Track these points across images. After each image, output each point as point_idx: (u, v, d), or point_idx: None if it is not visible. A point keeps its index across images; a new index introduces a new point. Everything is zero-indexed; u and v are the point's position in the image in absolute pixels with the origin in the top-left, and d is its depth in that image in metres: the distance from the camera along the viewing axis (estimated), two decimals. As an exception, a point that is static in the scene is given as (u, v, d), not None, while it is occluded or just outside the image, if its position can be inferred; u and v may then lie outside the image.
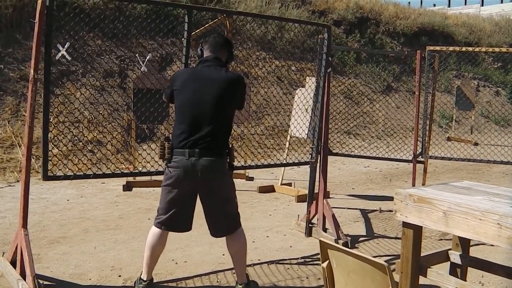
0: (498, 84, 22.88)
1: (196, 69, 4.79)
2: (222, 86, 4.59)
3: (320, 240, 3.13)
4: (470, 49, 8.81)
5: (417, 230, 4.29)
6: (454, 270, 4.92)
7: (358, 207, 8.56)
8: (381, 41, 21.06)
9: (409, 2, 38.94)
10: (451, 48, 8.71)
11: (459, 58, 21.19)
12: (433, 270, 4.38)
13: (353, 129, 15.56)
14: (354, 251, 2.97)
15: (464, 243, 4.84)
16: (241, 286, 4.92)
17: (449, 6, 38.90)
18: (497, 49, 10.28)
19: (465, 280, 4.94)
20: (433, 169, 12.40)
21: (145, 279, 4.89)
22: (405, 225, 4.28)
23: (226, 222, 4.83)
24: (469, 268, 5.04)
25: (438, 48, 8.58)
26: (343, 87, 16.61)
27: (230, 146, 4.75)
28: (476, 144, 16.09)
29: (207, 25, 7.00)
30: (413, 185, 8.25)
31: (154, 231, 4.84)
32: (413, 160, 8.29)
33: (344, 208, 8.48)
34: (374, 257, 6.18)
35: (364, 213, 8.24)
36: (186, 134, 4.55)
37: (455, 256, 4.83)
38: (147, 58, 8.80)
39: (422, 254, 4.86)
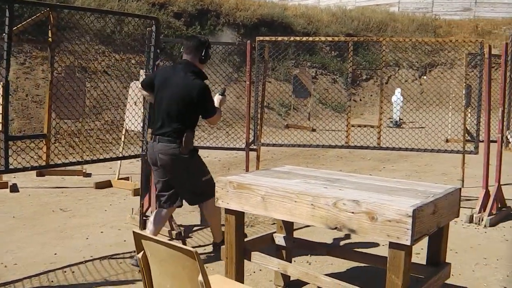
0: (335, 72, 23.71)
1: (170, 71, 5.69)
2: (178, 90, 5.41)
3: (133, 231, 3.11)
4: (297, 38, 9.11)
5: (239, 216, 4.38)
6: (280, 252, 5.06)
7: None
8: (222, 32, 21.25)
9: (251, -6, 39.44)
10: (279, 38, 8.91)
11: (298, 47, 21.73)
12: (256, 253, 4.49)
13: (194, 121, 15.60)
14: (164, 239, 2.98)
15: (288, 226, 4.99)
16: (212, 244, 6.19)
17: (288, -3, 39.71)
18: (329, 38, 10.64)
19: (290, 261, 5.10)
20: (271, 156, 12.71)
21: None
22: (227, 211, 4.37)
23: (188, 197, 5.78)
24: (298, 249, 5.22)
25: (267, 38, 8.80)
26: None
27: (189, 133, 5.45)
28: (313, 130, 16.62)
29: (30, 19, 6.75)
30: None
31: None
32: (246, 148, 8.43)
33: (181, 199, 8.50)
34: (207, 245, 6.29)
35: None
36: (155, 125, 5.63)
37: (280, 239, 4.97)
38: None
39: (250, 239, 4.97)
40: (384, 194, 3.80)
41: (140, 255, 3.10)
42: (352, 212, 3.57)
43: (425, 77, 25.30)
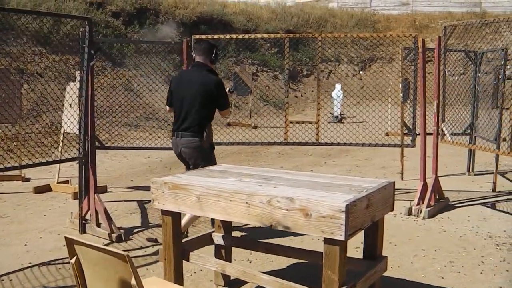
0: (276, 68, 23.79)
1: (185, 73, 6.53)
2: (199, 86, 6.04)
3: (65, 237, 3.07)
4: (233, 36, 9.09)
5: (176, 217, 4.37)
6: (219, 251, 5.06)
7: (135, 199, 8.54)
8: (161, 31, 21.11)
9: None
10: (216, 36, 8.92)
11: (238, 45, 21.76)
12: (194, 254, 4.48)
13: (134, 121, 15.46)
14: (96, 244, 2.94)
15: (226, 225, 4.99)
16: None
17: (228, -6, 39.62)
18: (265, 35, 10.67)
19: (230, 260, 5.10)
20: (213, 154, 12.69)
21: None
22: (164, 212, 4.35)
23: None
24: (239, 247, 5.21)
25: (204, 36, 8.76)
26: (124, 79, 16.43)
27: (208, 129, 6.15)
28: (255, 127, 16.62)
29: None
30: (188, 172, 8.35)
31: None
32: (185, 148, 8.40)
33: (121, 201, 8.42)
34: (147, 246, 6.24)
35: (141, 204, 8.23)
36: (176, 122, 6.21)
37: (218, 238, 4.97)
38: None
39: (188, 239, 4.95)
40: (318, 191, 3.83)
41: (73, 260, 3.07)
42: (287, 209, 3.58)
43: (361, 72, 25.60)
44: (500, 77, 8.94)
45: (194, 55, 6.35)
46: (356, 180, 4.29)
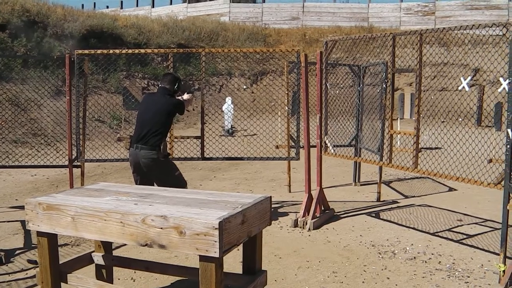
0: (168, 82, 23.73)
1: (151, 95, 7.60)
2: (158, 106, 6.97)
3: None
4: (117, 51, 9.04)
5: (52, 238, 4.27)
6: (100, 271, 4.98)
7: (19, 219, 8.24)
8: (49, 44, 20.66)
9: (83, 5, 38.78)
10: (99, 51, 8.81)
11: (129, 59, 21.56)
12: (73, 275, 4.39)
13: (21, 137, 15.02)
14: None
15: (107, 244, 4.92)
16: None
17: (121, 8, 39.27)
18: (149, 50, 10.63)
19: (112, 279, 5.03)
20: (102, 170, 12.49)
21: None
22: (39, 234, 4.25)
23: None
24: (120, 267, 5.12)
25: (86, 51, 8.66)
26: (10, 94, 15.93)
27: (163, 142, 7.23)
28: (146, 142, 16.43)
29: None
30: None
31: None
32: (69, 165, 8.25)
33: (4, 221, 8.11)
34: (29, 269, 6.06)
35: (25, 224, 7.98)
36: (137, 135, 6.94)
37: (98, 258, 4.89)
38: None
39: (66, 260, 4.84)
40: (193, 208, 3.84)
41: None
42: (161, 228, 3.58)
43: (244, 87, 25.87)
44: (379, 90, 9.22)
45: (160, 84, 7.31)
46: (233, 196, 4.33)
